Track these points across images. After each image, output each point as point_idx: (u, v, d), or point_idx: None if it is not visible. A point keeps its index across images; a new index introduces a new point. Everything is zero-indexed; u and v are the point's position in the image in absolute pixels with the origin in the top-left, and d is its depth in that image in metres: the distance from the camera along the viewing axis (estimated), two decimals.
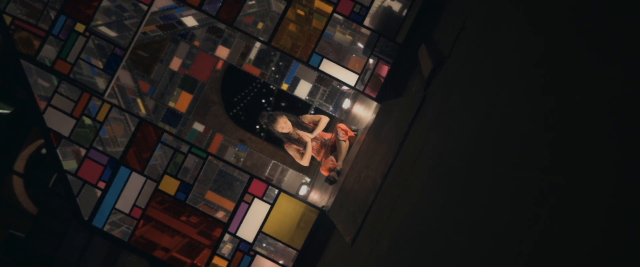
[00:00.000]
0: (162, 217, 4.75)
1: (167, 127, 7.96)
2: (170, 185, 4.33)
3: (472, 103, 2.17)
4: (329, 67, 4.46)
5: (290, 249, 4.33)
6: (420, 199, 2.25)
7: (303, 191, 7.65)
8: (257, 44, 8.10)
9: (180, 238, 5.44)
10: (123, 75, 7.46)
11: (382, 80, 4.57)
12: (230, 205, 7.92)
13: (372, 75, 4.55)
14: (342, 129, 5.00)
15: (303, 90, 8.07)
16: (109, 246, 8.36)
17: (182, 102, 7.92)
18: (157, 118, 7.87)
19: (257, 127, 19.22)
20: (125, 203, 4.28)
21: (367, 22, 4.50)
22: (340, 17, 6.73)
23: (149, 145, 4.41)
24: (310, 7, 6.87)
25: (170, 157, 4.37)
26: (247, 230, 4.32)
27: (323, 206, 4.48)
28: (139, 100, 7.67)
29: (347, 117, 7.49)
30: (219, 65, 12.50)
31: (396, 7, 4.60)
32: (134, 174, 4.28)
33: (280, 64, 8.36)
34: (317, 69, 4.44)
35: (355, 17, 4.47)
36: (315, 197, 6.06)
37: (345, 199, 3.89)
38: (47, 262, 10.23)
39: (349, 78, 4.46)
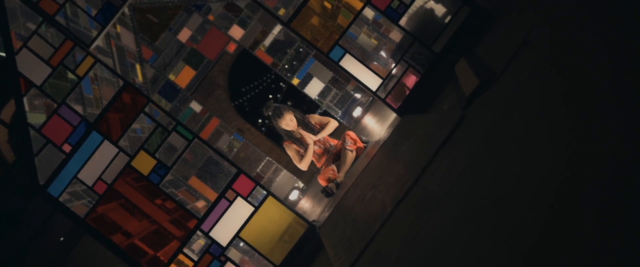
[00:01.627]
0: (134, 196, 4.16)
1: (163, 102, 7.39)
2: (144, 163, 3.75)
3: (548, 136, 1.59)
4: (350, 65, 3.88)
5: (267, 262, 3.74)
6: (452, 247, 1.66)
7: (294, 195, 7.07)
8: (274, 31, 7.55)
9: (148, 224, 4.84)
10: (126, 37, 6.89)
11: (408, 91, 3.99)
12: (214, 196, 7.32)
13: (397, 84, 3.97)
14: (351, 138, 4.42)
15: (314, 88, 7.50)
16: None
17: (184, 77, 7.35)
18: (154, 89, 7.29)
19: (260, 120, 18.66)
20: (89, 174, 3.70)
21: (403, 21, 3.93)
22: (369, 17, 6.17)
23: (136, 114, 3.83)
24: (340, 0, 6.30)
25: (152, 132, 3.79)
26: (223, 231, 3.73)
27: (314, 221, 3.90)
28: (137, 66, 7.10)
29: (355, 126, 6.91)
30: (232, 48, 11.93)
31: (439, 11, 4.03)
32: (106, 143, 3.70)
33: (294, 61, 7.80)
34: (337, 63, 3.86)
35: (391, 14, 3.90)
36: (306, 206, 5.47)
37: (341, 219, 3.30)
38: (12, 217, 9.59)
39: (371, 81, 3.89)
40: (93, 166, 3.68)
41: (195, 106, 7.29)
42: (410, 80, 4.06)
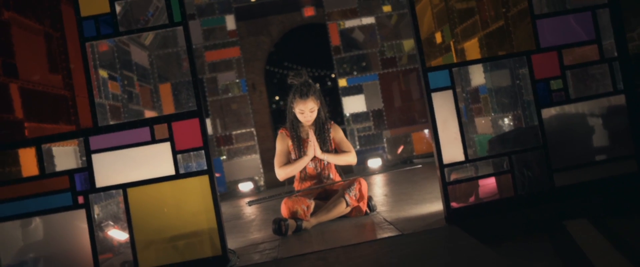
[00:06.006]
0: (77, 45, 2.66)
1: None
2: (92, 3, 2.31)
3: None
4: (442, 107, 2.47)
5: (129, 253, 2.30)
6: None
7: (245, 187, 5.64)
8: (363, 20, 6.16)
9: (61, 84, 3.39)
10: None
11: (474, 197, 2.59)
12: (168, 107, 5.84)
13: (472, 180, 2.56)
14: (360, 190, 3.00)
15: (353, 104, 6.10)
16: None
17: None
18: None
19: (277, 97, 17.20)
20: None
21: (546, 114, 2.53)
22: (473, 83, 4.78)
23: None
24: (457, 40, 4.91)
25: None
26: (112, 166, 2.29)
27: (232, 253, 2.46)
28: None
29: (362, 175, 5.48)
30: (308, 12, 10.62)
31: (597, 139, 2.62)
32: None
33: (356, 63, 6.41)
34: (429, 91, 2.44)
35: (542, 92, 2.50)
36: (246, 214, 4.03)
37: None
38: None
39: (449, 149, 2.47)
40: None
41: (230, 22, 5.88)
42: (489, 188, 2.65)
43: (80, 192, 2.30)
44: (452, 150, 2.46)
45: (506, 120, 4.10)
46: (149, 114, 5.34)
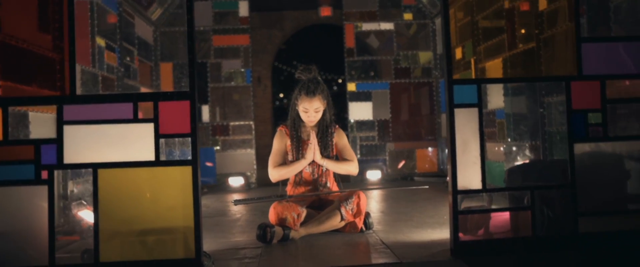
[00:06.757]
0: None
1: None
2: None
3: None
4: (463, 125, 2.19)
5: (91, 242, 2.02)
6: None
7: (235, 182, 5.36)
8: (381, 26, 5.89)
9: (49, 45, 3.12)
10: None
11: (483, 230, 2.31)
12: (167, 88, 5.55)
13: (484, 212, 2.29)
14: (358, 205, 2.72)
15: (359, 111, 5.82)
16: None
17: None
18: None
19: (281, 95, 16.90)
20: None
21: (579, 149, 2.25)
22: (490, 103, 4.52)
23: None
24: (479, 58, 4.64)
25: None
26: (86, 142, 2.01)
27: (206, 256, 2.18)
28: None
29: (360, 186, 5.21)
30: (325, 11, 10.34)
31: (634, 185, 2.35)
32: None
33: (366, 70, 6.14)
34: (452, 106, 2.17)
35: (576, 124, 2.23)
36: (232, 212, 3.75)
37: None
38: None
39: (466, 175, 2.19)
40: None
41: (243, 9, 5.61)
42: (499, 221, 2.38)
43: (45, 166, 2.02)
44: (469, 175, 2.19)
45: (522, 150, 3.82)
46: (144, 89, 5.06)
